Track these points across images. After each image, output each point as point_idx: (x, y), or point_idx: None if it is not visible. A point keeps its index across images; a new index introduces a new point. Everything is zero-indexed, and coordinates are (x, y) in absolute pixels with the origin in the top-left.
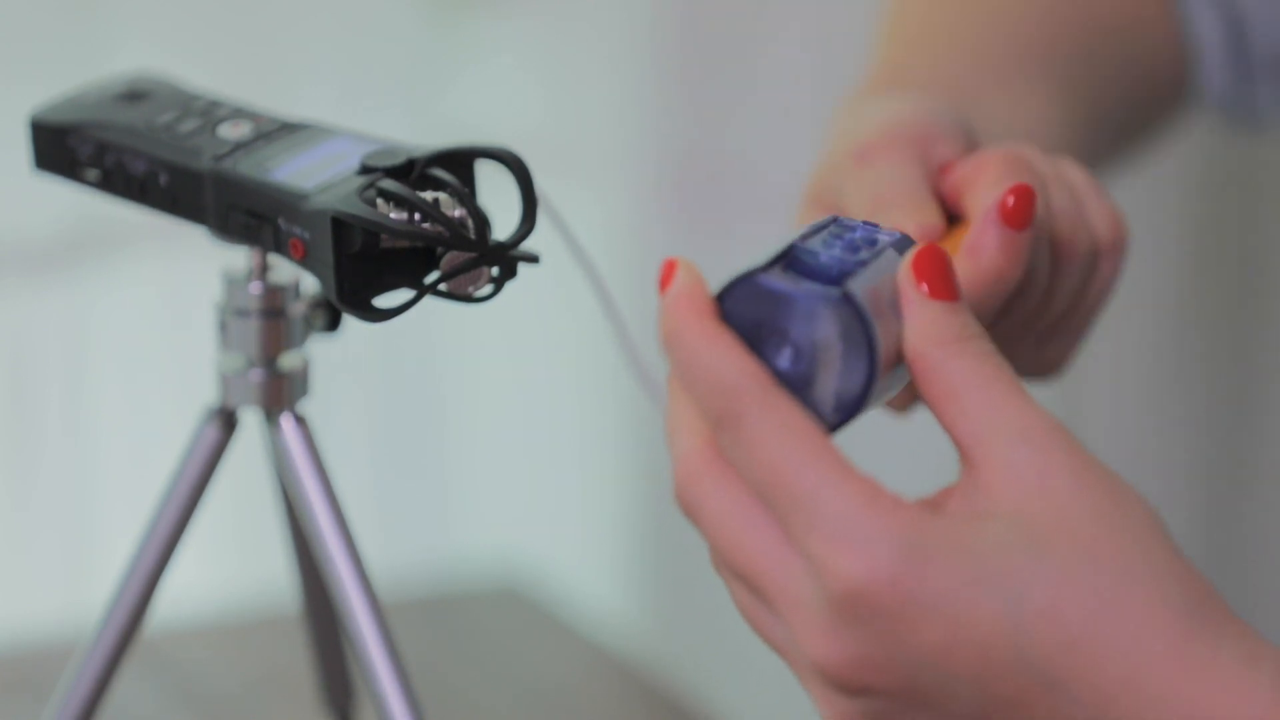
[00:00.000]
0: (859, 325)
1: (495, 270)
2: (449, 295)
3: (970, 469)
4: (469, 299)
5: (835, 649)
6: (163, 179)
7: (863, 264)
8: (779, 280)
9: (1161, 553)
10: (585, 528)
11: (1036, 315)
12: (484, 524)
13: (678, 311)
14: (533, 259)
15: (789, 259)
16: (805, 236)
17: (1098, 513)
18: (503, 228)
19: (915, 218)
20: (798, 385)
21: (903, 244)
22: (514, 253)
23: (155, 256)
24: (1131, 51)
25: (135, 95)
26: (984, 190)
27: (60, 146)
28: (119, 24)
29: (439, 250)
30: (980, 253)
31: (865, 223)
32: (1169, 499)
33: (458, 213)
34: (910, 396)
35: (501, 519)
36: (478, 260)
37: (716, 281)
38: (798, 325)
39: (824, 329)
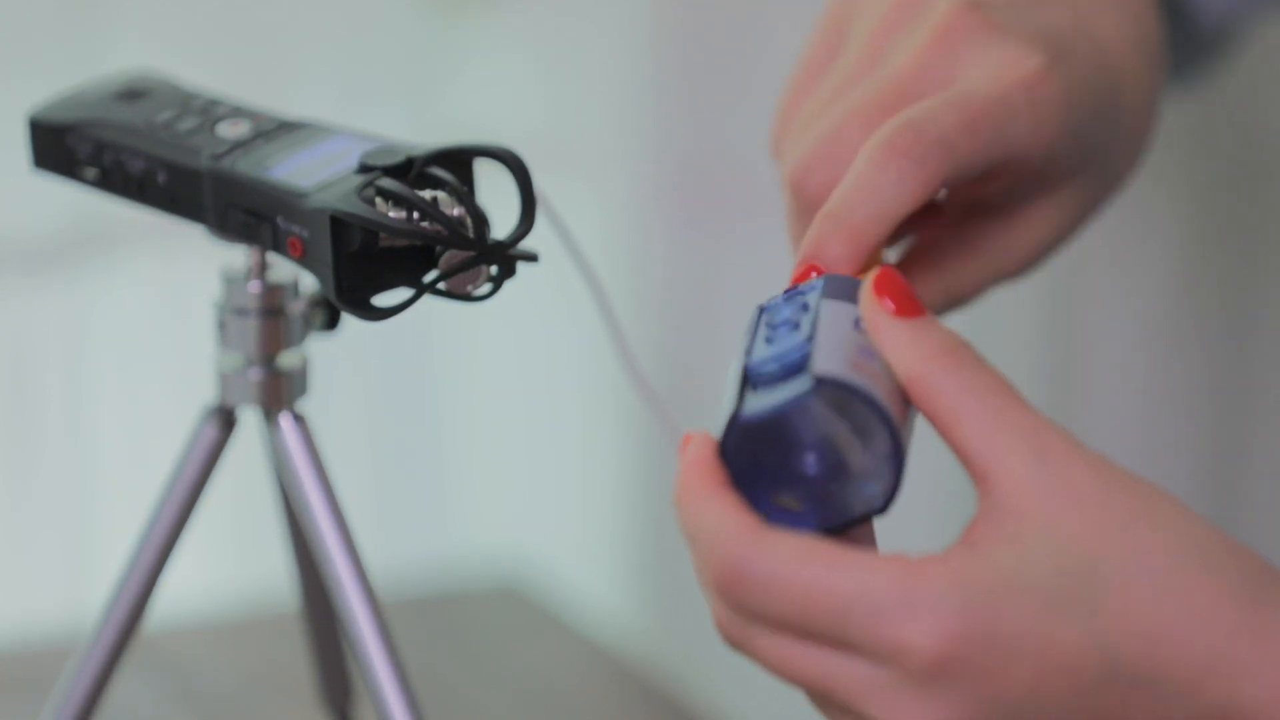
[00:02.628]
0: (847, 391)
1: (494, 269)
2: (448, 294)
3: (988, 490)
4: (468, 298)
5: (930, 715)
6: (161, 177)
7: (811, 337)
8: (756, 406)
9: (1204, 535)
10: (585, 528)
11: None
12: (484, 524)
13: (682, 480)
14: (531, 258)
15: (751, 381)
16: (749, 351)
17: (1132, 513)
18: (501, 227)
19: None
20: (839, 477)
21: (831, 287)
22: (513, 251)
23: (154, 255)
24: None
25: (134, 94)
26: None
27: (59, 145)
28: (119, 23)
29: (438, 249)
30: None
31: (784, 292)
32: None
33: (456, 211)
34: None
35: (501, 519)
36: (476, 259)
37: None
38: (798, 432)
39: (820, 415)
